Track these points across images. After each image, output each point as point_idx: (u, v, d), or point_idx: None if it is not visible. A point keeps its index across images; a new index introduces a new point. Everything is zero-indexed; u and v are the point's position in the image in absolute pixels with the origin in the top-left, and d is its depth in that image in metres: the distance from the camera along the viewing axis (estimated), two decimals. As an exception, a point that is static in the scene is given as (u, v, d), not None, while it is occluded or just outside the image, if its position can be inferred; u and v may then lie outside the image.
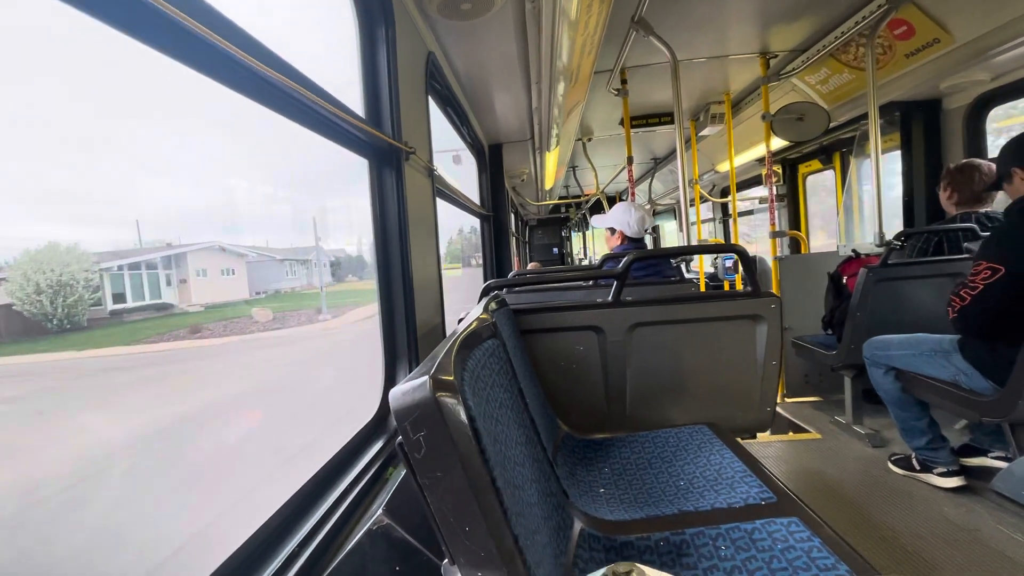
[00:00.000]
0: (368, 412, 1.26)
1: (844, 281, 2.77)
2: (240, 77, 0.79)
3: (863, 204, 3.85)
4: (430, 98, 1.94)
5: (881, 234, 2.74)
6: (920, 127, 3.24)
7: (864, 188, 3.79)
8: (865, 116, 3.44)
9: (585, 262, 11.04)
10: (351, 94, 1.38)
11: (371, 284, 1.40)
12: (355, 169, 1.35)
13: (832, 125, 3.54)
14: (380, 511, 0.71)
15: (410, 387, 0.58)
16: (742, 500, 1.20)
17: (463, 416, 0.61)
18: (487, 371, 0.94)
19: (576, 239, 12.51)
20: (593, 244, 10.62)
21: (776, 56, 3.34)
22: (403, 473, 0.91)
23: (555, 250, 12.13)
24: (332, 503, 0.89)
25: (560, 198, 8.73)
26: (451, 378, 0.63)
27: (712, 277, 5.84)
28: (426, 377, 0.59)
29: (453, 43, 2.06)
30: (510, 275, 2.73)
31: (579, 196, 8.44)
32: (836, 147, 4.28)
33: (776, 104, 3.59)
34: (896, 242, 2.56)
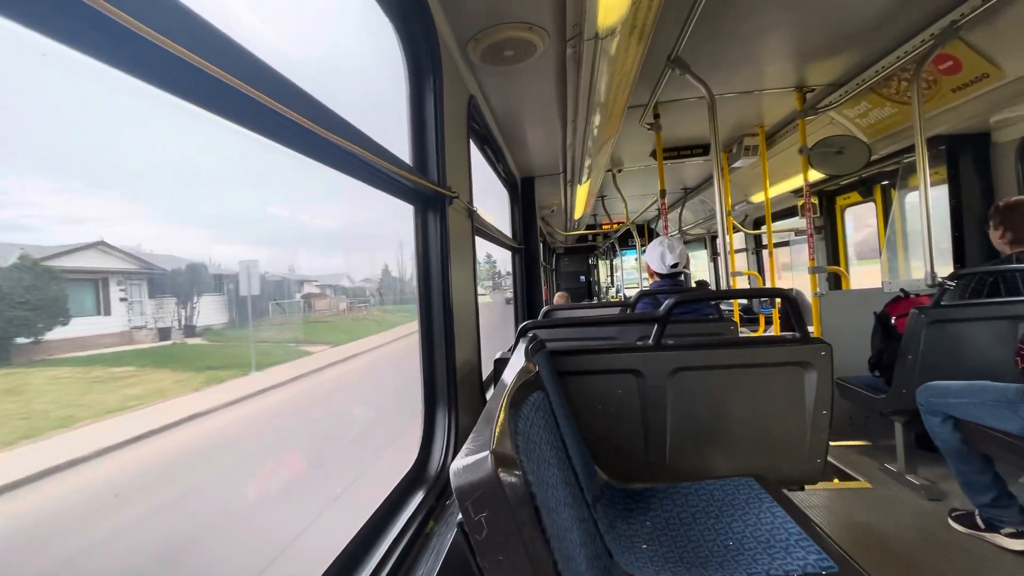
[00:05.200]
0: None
1: (892, 322, 2.65)
2: (292, 135, 0.80)
3: (908, 240, 3.72)
4: (470, 139, 1.98)
5: (933, 273, 2.63)
6: (968, 161, 3.13)
7: (909, 224, 3.67)
8: (908, 149, 3.35)
9: (612, 290, 10.95)
10: (396, 139, 1.41)
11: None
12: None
13: (873, 158, 3.46)
14: None
15: (472, 462, 0.57)
16: (799, 568, 1.13)
17: (525, 494, 0.58)
18: (535, 428, 0.92)
19: (603, 267, 12.45)
20: (622, 274, 10.53)
21: (813, 90, 3.31)
22: (447, 534, 0.88)
23: (582, 278, 12.08)
24: (375, 566, 0.86)
25: (588, 227, 8.74)
26: (511, 452, 0.62)
27: (746, 309, 5.70)
28: (487, 452, 0.57)
29: (493, 86, 2.10)
30: (543, 311, 2.71)
31: (608, 225, 8.43)
32: (876, 179, 4.17)
33: (813, 137, 3.53)
34: (950, 282, 2.44)
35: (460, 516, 0.56)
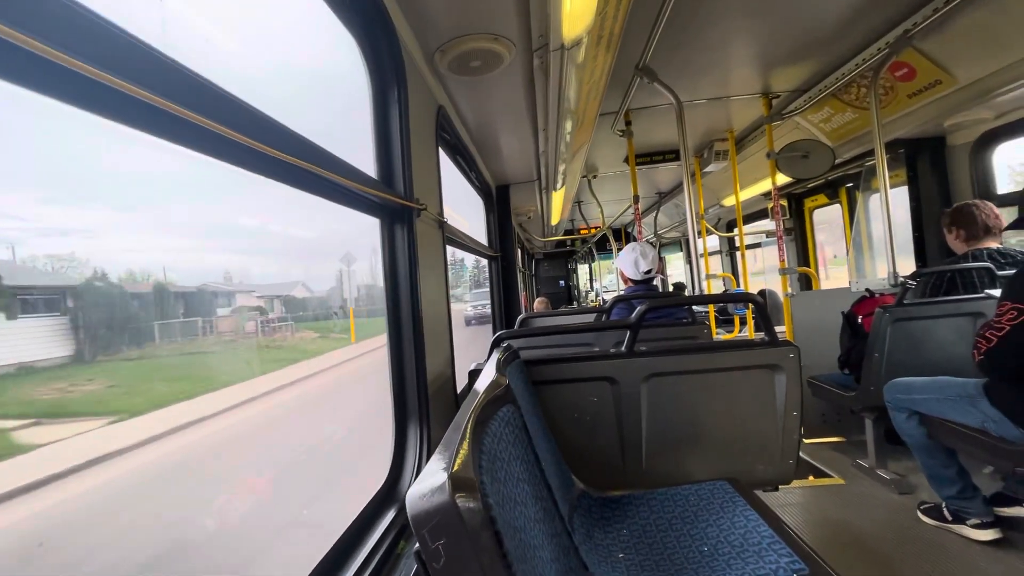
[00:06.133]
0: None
1: (859, 320, 2.72)
2: (253, 160, 0.79)
3: (872, 240, 3.84)
4: (439, 148, 1.97)
5: (895, 273, 2.71)
6: (926, 164, 3.25)
7: (873, 224, 3.78)
8: (870, 153, 3.46)
9: (591, 294, 11.02)
10: (362, 152, 1.39)
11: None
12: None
13: (837, 161, 3.56)
14: None
15: (428, 489, 0.56)
16: (771, 571, 1.14)
17: (484, 519, 0.57)
18: (504, 444, 0.91)
19: (582, 271, 12.53)
20: (600, 277, 10.62)
21: (778, 96, 3.39)
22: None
23: (561, 283, 12.15)
24: None
25: (566, 232, 8.79)
26: (470, 474, 0.60)
27: (721, 311, 5.79)
28: (444, 478, 0.56)
29: (462, 96, 2.10)
30: (519, 319, 2.70)
31: (585, 230, 8.50)
32: (842, 182, 4.30)
33: (780, 141, 3.62)
34: (911, 281, 2.52)
35: (417, 545, 0.54)
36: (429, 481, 0.56)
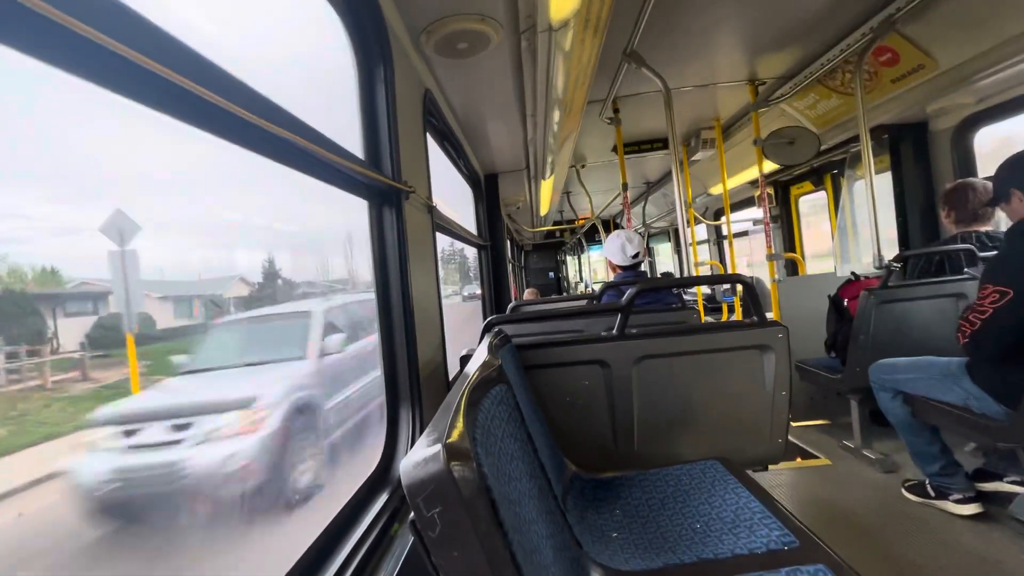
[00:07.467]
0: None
1: (845, 304, 2.76)
2: (237, 130, 0.77)
3: (857, 225, 3.89)
4: (427, 134, 1.95)
5: (880, 256, 2.75)
6: (909, 149, 3.29)
7: (858, 210, 3.83)
8: (854, 139, 3.50)
9: (582, 286, 11.05)
10: (348, 133, 1.37)
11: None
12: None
13: (822, 148, 3.59)
14: None
15: (422, 458, 0.55)
16: (763, 545, 1.15)
17: (480, 487, 0.57)
18: (497, 421, 0.90)
19: (571, 263, 12.56)
20: (589, 268, 10.66)
21: (764, 83, 3.41)
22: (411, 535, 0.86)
23: (551, 274, 12.19)
24: (336, 570, 0.83)
25: (555, 223, 8.79)
26: (464, 444, 0.60)
27: (709, 299, 5.84)
28: (439, 446, 0.55)
29: (449, 80, 2.08)
30: (510, 306, 2.70)
31: (573, 221, 8.51)
32: (827, 169, 4.34)
33: (767, 128, 3.64)
34: (895, 264, 2.56)
35: (412, 515, 0.54)
36: (424, 451, 0.55)
